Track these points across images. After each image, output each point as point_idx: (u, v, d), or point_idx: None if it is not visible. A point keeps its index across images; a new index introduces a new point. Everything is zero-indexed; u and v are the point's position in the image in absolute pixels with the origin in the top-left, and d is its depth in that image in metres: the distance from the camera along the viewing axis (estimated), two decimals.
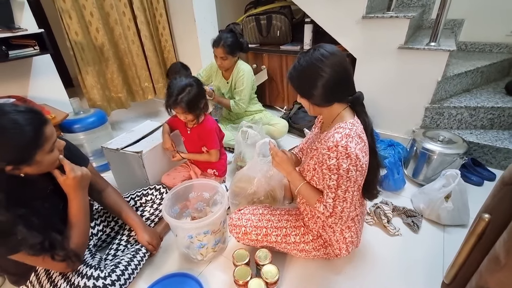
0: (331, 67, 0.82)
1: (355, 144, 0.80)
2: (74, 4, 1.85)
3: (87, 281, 0.88)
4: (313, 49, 0.85)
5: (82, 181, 0.88)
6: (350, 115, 0.89)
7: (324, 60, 0.82)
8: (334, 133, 0.83)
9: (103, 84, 2.17)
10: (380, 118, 1.92)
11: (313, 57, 0.83)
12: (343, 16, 1.78)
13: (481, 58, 2.03)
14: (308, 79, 0.85)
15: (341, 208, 0.86)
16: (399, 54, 1.68)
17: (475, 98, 1.78)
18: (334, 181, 0.84)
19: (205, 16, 2.26)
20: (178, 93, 1.22)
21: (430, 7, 2.29)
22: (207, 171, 1.52)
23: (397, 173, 1.47)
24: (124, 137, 1.51)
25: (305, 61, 0.84)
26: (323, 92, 0.84)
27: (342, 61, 0.84)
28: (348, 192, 0.84)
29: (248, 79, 1.81)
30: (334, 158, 0.81)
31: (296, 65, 0.87)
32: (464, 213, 1.26)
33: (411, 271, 1.10)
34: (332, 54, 0.83)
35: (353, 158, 0.80)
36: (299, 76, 0.87)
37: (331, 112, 0.90)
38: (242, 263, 1.00)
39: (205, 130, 1.37)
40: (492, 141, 1.62)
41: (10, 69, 1.63)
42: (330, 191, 0.86)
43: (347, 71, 0.86)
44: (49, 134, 0.78)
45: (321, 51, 0.83)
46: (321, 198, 0.90)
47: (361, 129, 0.86)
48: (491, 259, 0.57)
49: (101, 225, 1.17)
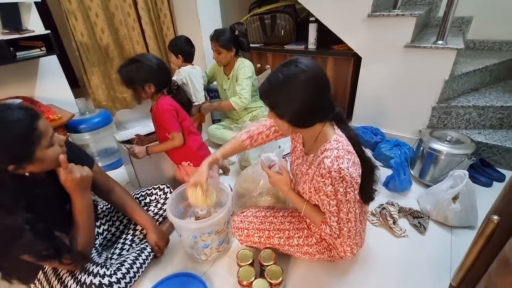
0: (312, 86, 0.75)
1: (346, 162, 0.77)
2: (80, 6, 1.87)
3: (93, 279, 0.89)
4: (292, 63, 0.76)
5: (81, 182, 0.87)
6: (331, 129, 0.85)
7: (304, 78, 0.74)
8: (323, 158, 0.80)
9: (108, 84, 2.19)
10: (386, 117, 1.90)
11: (292, 72, 0.75)
12: (348, 15, 1.76)
13: (490, 56, 1.99)
14: (288, 97, 0.76)
15: (347, 229, 0.85)
16: (406, 53, 1.66)
17: (483, 97, 1.74)
18: (335, 206, 0.82)
19: (209, 16, 2.26)
20: (122, 66, 1.19)
21: (437, 5, 2.26)
22: (182, 164, 1.43)
23: (404, 173, 1.45)
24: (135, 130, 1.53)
25: (283, 77, 0.75)
26: (302, 113, 0.78)
27: (323, 78, 0.78)
28: (350, 212, 0.83)
29: (248, 70, 1.81)
30: (330, 184, 0.79)
31: (273, 81, 0.78)
32: (472, 215, 1.23)
33: (418, 273, 1.08)
34: (312, 71, 0.75)
35: (348, 180, 0.78)
36: (277, 93, 0.77)
37: (313, 132, 0.86)
38: (246, 264, 1.00)
39: (158, 112, 1.27)
40: (501, 141, 1.59)
41: (18, 70, 1.66)
42: (332, 215, 0.85)
43: (329, 88, 0.80)
44: (43, 129, 0.76)
45: (301, 67, 0.74)
46: (326, 219, 0.88)
47: (347, 142, 0.83)
48: (501, 262, 0.56)
49: (106, 224, 1.18)
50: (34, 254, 0.76)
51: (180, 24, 2.37)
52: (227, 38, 1.72)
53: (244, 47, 1.83)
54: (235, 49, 1.78)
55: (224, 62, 1.81)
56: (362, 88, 1.92)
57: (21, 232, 0.73)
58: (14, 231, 0.73)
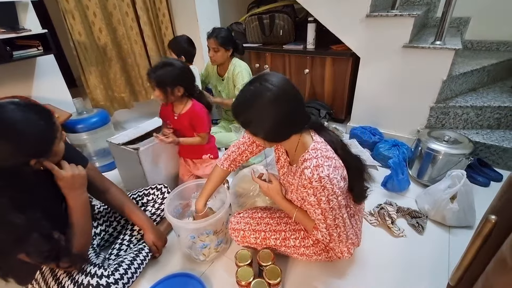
0: (282, 101, 0.75)
1: (327, 170, 0.78)
2: (77, 5, 1.86)
3: (91, 280, 0.89)
4: (257, 81, 0.77)
5: (74, 181, 0.86)
6: (309, 138, 0.86)
7: (271, 96, 0.74)
8: (303, 169, 0.80)
9: (106, 84, 2.18)
10: (384, 117, 1.90)
11: (259, 91, 0.75)
12: (347, 15, 1.76)
13: (488, 57, 2.00)
14: (257, 116, 0.77)
15: (336, 234, 0.87)
16: (404, 53, 1.66)
17: (481, 97, 1.75)
18: (320, 215, 0.84)
19: (208, 16, 2.26)
20: (156, 68, 1.25)
21: (435, 5, 2.26)
22: (202, 157, 1.52)
23: (402, 173, 1.46)
24: (129, 132, 1.52)
25: (250, 96, 0.77)
26: (277, 128, 0.79)
27: (293, 90, 0.78)
28: (337, 219, 0.84)
29: (246, 74, 1.82)
30: (312, 195, 0.81)
31: (240, 99, 0.79)
32: (470, 215, 1.24)
33: (416, 273, 1.08)
34: (279, 87, 0.75)
35: (329, 188, 0.78)
36: (246, 113, 0.79)
37: (291, 144, 0.87)
38: (245, 264, 1.00)
39: (195, 114, 1.37)
40: (499, 141, 1.59)
41: (14, 70, 1.65)
42: (320, 222, 0.87)
43: (300, 101, 0.80)
44: (58, 124, 0.81)
45: (266, 86, 0.75)
46: (316, 226, 0.91)
47: (325, 147, 0.83)
48: (498, 261, 0.56)
49: (104, 225, 1.18)
50: (37, 255, 0.76)
51: (179, 23, 2.37)
52: (226, 37, 1.73)
53: (240, 49, 1.84)
54: (232, 49, 1.79)
55: (219, 61, 1.81)
56: (361, 88, 1.92)
57: (29, 232, 0.74)
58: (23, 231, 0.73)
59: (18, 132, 0.71)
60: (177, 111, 1.40)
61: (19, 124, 0.72)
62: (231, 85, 1.87)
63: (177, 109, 1.40)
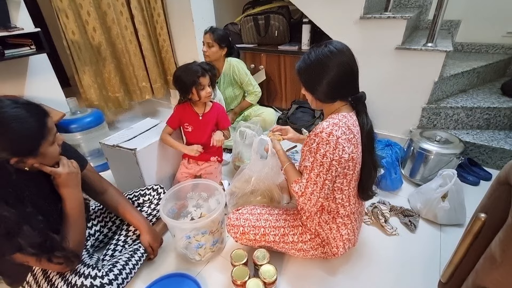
0: (338, 65, 0.84)
1: (340, 133, 0.84)
2: (70, 3, 1.83)
3: (85, 280, 0.88)
4: (323, 44, 0.87)
5: (69, 178, 0.86)
6: (347, 110, 0.92)
7: (332, 57, 0.84)
8: (323, 121, 0.88)
9: (100, 84, 2.16)
10: (378, 118, 1.92)
11: (322, 52, 0.85)
12: (341, 17, 1.78)
13: (478, 59, 2.04)
14: (315, 74, 0.87)
15: (311, 190, 0.89)
16: (397, 55, 1.69)
17: (471, 99, 1.79)
18: (309, 163, 0.88)
19: (203, 16, 2.26)
20: (203, 64, 1.34)
21: (427, 8, 2.31)
22: (210, 159, 1.55)
23: (394, 173, 1.48)
24: (123, 133, 1.51)
25: (314, 56, 0.86)
26: (327, 89, 0.87)
27: (350, 60, 0.86)
28: (319, 177, 0.87)
29: (243, 65, 1.93)
30: (315, 142, 0.86)
31: (306, 58, 0.89)
32: (460, 213, 1.27)
33: (408, 270, 1.10)
34: (341, 52, 0.85)
35: (332, 145, 0.83)
36: (307, 70, 0.90)
37: (331, 108, 0.94)
38: (240, 263, 1.00)
39: (221, 109, 1.50)
40: (488, 141, 1.63)
41: (6, 69, 1.62)
42: (305, 171, 0.90)
43: (353, 71, 0.88)
44: (50, 125, 0.79)
45: (330, 48, 0.85)
46: (298, 179, 0.94)
47: (353, 123, 0.89)
48: (487, 258, 0.57)
49: (98, 225, 1.17)
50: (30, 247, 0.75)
51: (174, 23, 2.36)
52: (223, 35, 1.76)
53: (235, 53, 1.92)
54: (226, 49, 1.81)
55: (212, 58, 1.82)
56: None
57: (19, 226, 0.73)
58: (12, 225, 0.72)
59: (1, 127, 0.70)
60: (200, 112, 1.44)
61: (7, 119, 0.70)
62: (227, 81, 1.93)
63: (199, 109, 1.44)
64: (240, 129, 1.65)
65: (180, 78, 1.32)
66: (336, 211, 0.98)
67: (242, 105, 2.05)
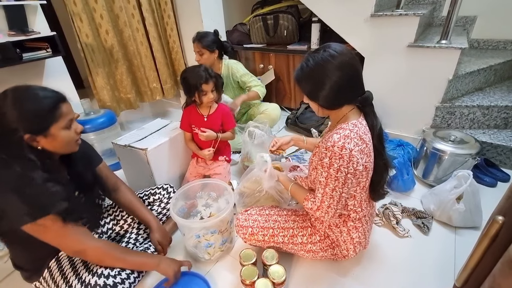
0: (340, 69, 0.80)
1: (353, 145, 0.81)
2: (84, 7, 1.89)
3: (98, 280, 0.90)
4: (322, 49, 0.83)
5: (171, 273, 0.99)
6: (355, 116, 0.89)
7: (333, 61, 0.80)
8: (334, 133, 0.84)
9: (112, 85, 2.21)
10: (389, 117, 1.89)
11: (321, 58, 0.81)
12: (351, 15, 1.76)
13: (495, 56, 1.97)
14: (316, 81, 0.83)
15: (327, 203, 0.87)
16: (409, 53, 1.65)
17: (488, 97, 1.73)
18: (324, 178, 0.85)
19: (212, 17, 2.28)
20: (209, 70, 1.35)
21: (441, 4, 2.24)
22: (219, 159, 1.57)
23: (407, 173, 1.45)
24: (134, 133, 1.54)
25: (313, 62, 0.82)
26: (332, 94, 0.83)
27: (352, 61, 0.83)
28: (335, 191, 0.85)
29: (240, 65, 1.91)
30: (328, 157, 0.83)
31: (304, 66, 0.85)
32: (476, 215, 1.23)
33: (421, 274, 1.08)
34: (341, 55, 0.81)
35: (345, 159, 0.80)
36: (307, 78, 0.86)
37: (338, 114, 0.90)
38: (249, 263, 1.00)
39: (226, 110, 1.52)
40: (506, 141, 1.57)
41: (24, 71, 1.68)
42: (320, 186, 0.88)
43: (356, 72, 0.85)
44: (65, 110, 0.84)
45: (330, 52, 0.81)
46: (308, 196, 0.93)
47: (364, 130, 0.86)
48: (505, 262, 0.55)
49: (111, 223, 1.19)
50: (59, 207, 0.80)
51: (183, 25, 2.39)
52: (209, 39, 1.75)
53: (229, 51, 1.88)
54: (218, 51, 1.81)
55: (206, 64, 1.82)
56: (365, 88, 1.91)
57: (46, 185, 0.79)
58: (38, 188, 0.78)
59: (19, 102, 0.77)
60: (205, 113, 1.47)
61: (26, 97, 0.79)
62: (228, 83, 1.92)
63: (204, 111, 1.47)
64: (249, 129, 1.66)
65: (186, 80, 1.36)
66: (347, 215, 0.97)
67: (249, 95, 1.91)
